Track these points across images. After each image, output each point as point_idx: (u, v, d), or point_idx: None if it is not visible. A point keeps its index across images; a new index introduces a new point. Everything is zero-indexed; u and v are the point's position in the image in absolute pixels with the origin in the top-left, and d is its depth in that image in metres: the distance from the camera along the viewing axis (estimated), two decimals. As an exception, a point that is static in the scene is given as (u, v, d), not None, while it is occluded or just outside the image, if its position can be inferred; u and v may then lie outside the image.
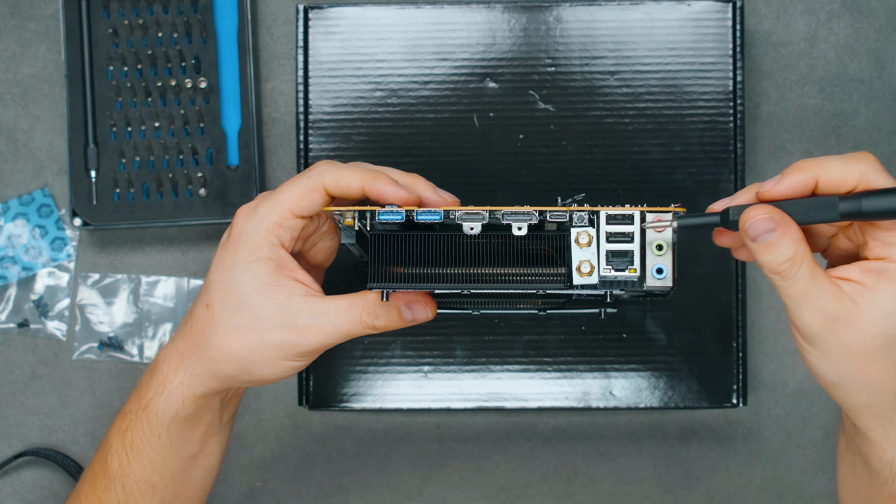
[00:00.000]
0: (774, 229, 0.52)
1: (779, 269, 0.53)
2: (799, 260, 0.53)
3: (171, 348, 0.63)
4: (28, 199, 0.86)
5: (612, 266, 0.57)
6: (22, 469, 0.85)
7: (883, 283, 0.53)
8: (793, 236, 0.53)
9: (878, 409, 0.56)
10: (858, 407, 0.56)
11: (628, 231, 0.57)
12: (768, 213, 0.53)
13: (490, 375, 0.79)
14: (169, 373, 0.62)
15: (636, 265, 0.57)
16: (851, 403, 0.56)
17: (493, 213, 0.58)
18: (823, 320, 0.53)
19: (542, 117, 0.80)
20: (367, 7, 0.80)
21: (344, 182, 0.59)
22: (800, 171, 0.53)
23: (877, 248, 0.53)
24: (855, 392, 0.56)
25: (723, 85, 0.79)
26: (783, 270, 0.53)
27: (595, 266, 0.57)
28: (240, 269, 0.60)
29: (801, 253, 0.53)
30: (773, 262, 0.53)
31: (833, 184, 0.53)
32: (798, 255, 0.52)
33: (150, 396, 0.62)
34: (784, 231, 0.52)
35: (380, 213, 0.58)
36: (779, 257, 0.53)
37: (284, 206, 0.60)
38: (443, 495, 0.85)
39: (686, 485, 0.85)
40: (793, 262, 0.53)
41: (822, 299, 0.53)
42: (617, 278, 0.57)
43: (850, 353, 0.54)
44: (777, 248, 0.53)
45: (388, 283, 0.58)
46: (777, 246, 0.53)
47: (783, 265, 0.53)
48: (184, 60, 0.83)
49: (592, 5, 0.79)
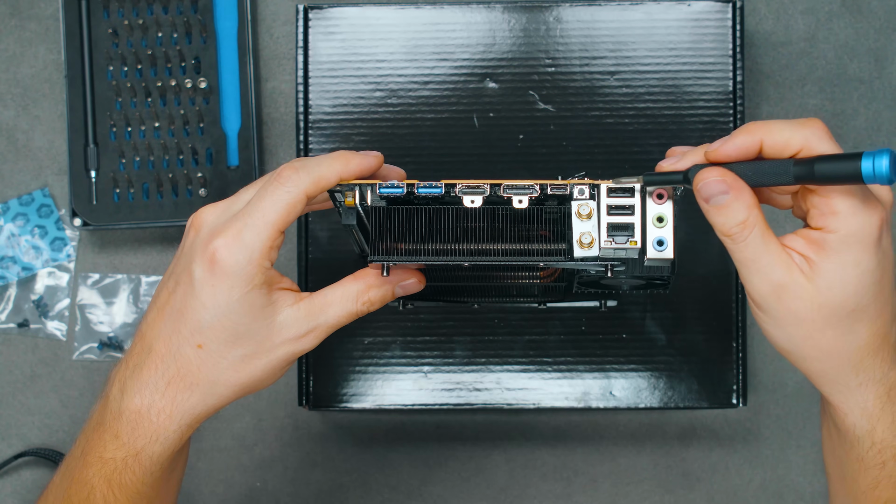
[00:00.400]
0: (727, 192, 0.53)
1: (730, 231, 0.53)
2: (750, 224, 0.53)
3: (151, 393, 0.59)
4: (28, 199, 0.86)
5: (612, 238, 0.57)
6: (22, 469, 0.85)
7: (825, 255, 0.53)
8: (745, 200, 0.53)
9: (833, 375, 0.56)
10: (814, 373, 0.57)
11: (629, 204, 0.57)
12: (721, 176, 0.53)
13: (490, 375, 0.79)
14: (161, 420, 0.60)
15: (637, 237, 0.57)
16: (806, 369, 0.57)
17: (494, 186, 0.58)
18: (772, 287, 0.53)
19: (542, 117, 0.80)
20: (367, 7, 0.80)
21: (323, 183, 0.58)
22: (746, 132, 0.53)
23: (816, 217, 0.53)
24: (807, 359, 0.56)
25: (723, 85, 0.79)
26: (734, 233, 0.53)
27: (596, 238, 0.57)
28: (236, 304, 0.58)
29: (752, 217, 0.53)
30: (725, 225, 0.53)
31: (777, 147, 0.53)
32: (750, 220, 0.53)
33: (142, 445, 0.60)
34: (736, 194, 0.53)
35: (381, 188, 0.58)
36: (730, 220, 0.53)
37: (272, 228, 0.57)
38: (443, 495, 0.85)
39: (686, 485, 0.85)
40: (744, 225, 0.53)
41: (770, 266, 0.53)
42: (617, 251, 0.57)
43: (798, 321, 0.54)
44: (728, 211, 0.53)
45: (390, 257, 0.58)
46: (729, 208, 0.53)
47: (734, 228, 0.53)
48: (184, 60, 0.83)
49: (592, 5, 0.79)
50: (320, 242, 0.79)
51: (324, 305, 0.60)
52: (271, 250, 0.58)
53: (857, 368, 0.55)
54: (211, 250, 0.57)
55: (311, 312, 0.60)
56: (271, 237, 0.57)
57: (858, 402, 0.56)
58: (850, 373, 0.56)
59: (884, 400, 0.56)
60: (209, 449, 0.85)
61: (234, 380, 0.60)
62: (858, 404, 0.56)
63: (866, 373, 0.55)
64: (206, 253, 0.57)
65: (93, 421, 0.61)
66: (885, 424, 0.56)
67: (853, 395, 0.56)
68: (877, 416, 0.56)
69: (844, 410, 0.57)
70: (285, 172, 0.58)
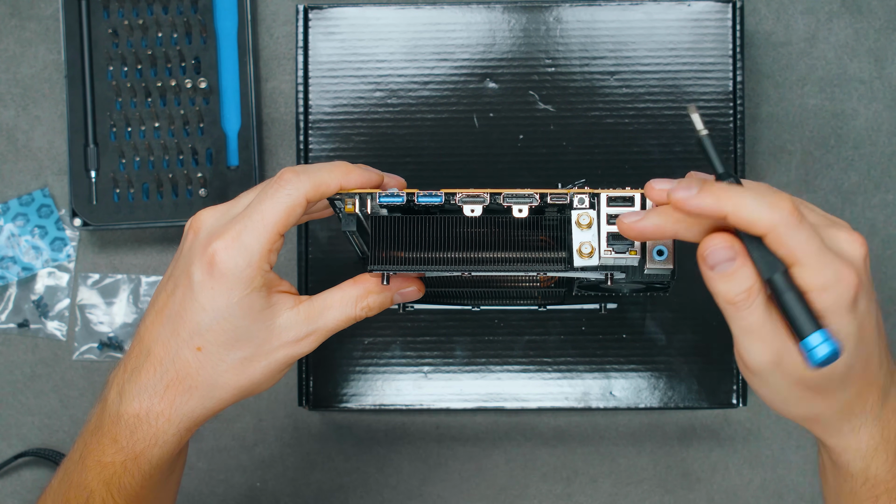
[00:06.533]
0: (734, 259, 0.51)
1: (734, 299, 0.52)
2: (756, 291, 0.52)
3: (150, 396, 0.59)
4: (28, 200, 0.86)
5: (612, 248, 0.57)
6: (22, 469, 0.85)
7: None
8: (751, 267, 0.52)
9: (825, 425, 0.57)
10: (807, 423, 0.57)
11: None
12: (728, 242, 0.52)
13: (490, 376, 0.79)
14: (160, 424, 0.59)
15: (637, 247, 0.57)
16: (799, 420, 0.57)
17: (494, 195, 0.58)
18: (772, 355, 0.52)
19: (542, 117, 0.80)
20: (367, 7, 0.80)
21: (323, 188, 0.58)
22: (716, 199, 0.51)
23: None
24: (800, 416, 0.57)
25: (723, 85, 0.79)
26: (739, 301, 0.52)
27: (596, 248, 0.57)
28: (235, 307, 0.57)
29: (758, 284, 0.52)
30: (730, 292, 0.52)
31: (741, 225, 0.51)
32: (755, 287, 0.51)
33: (140, 449, 0.59)
34: (743, 261, 0.51)
35: (381, 196, 0.58)
36: (735, 287, 0.52)
37: (271, 231, 0.57)
38: (443, 495, 0.85)
39: (686, 485, 0.85)
40: (749, 292, 0.52)
41: (773, 334, 0.52)
42: (618, 260, 0.57)
43: (792, 386, 0.54)
44: (735, 278, 0.52)
45: (389, 266, 0.58)
46: (735, 275, 0.51)
47: (739, 295, 0.52)
48: (184, 60, 0.83)
49: (592, 5, 0.79)
50: (320, 243, 0.79)
51: (323, 309, 0.60)
52: (271, 253, 0.58)
53: (849, 416, 0.55)
54: (210, 253, 0.57)
55: (310, 316, 0.60)
56: (271, 240, 0.57)
57: (852, 445, 0.56)
58: (843, 420, 0.56)
59: (877, 440, 0.56)
60: (209, 449, 0.85)
61: (232, 383, 0.60)
62: (852, 446, 0.56)
63: (858, 418, 0.55)
64: (205, 255, 0.57)
65: (91, 425, 0.61)
66: (878, 462, 0.56)
67: (846, 438, 0.56)
68: (871, 456, 0.56)
69: (838, 451, 0.57)
70: (286, 175, 0.58)
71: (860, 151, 0.85)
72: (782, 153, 0.85)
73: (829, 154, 0.85)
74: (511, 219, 0.58)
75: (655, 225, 0.54)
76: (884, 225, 0.85)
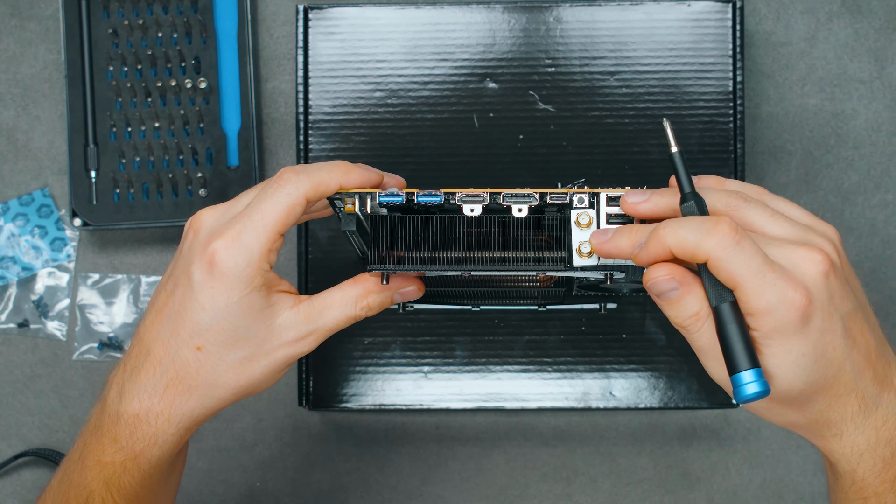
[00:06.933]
0: (677, 288, 0.53)
1: (683, 323, 0.54)
2: (703, 316, 0.53)
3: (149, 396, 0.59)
4: (28, 200, 0.86)
5: None
6: (22, 469, 0.85)
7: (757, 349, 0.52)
8: (696, 293, 0.53)
9: (806, 432, 0.57)
10: (788, 427, 0.57)
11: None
12: (669, 273, 0.53)
13: (490, 376, 0.79)
14: (160, 424, 0.59)
15: None
16: (780, 425, 0.58)
17: (494, 195, 0.58)
18: (727, 374, 0.53)
19: (542, 117, 0.80)
20: (367, 7, 0.80)
21: (323, 188, 0.58)
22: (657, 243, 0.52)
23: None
24: (779, 422, 0.57)
25: (723, 85, 0.79)
26: (688, 325, 0.54)
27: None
28: (235, 306, 0.57)
29: (705, 309, 0.53)
30: (678, 318, 0.54)
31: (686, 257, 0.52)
32: (703, 312, 0.53)
33: (140, 449, 0.59)
34: (687, 289, 0.53)
35: (380, 196, 0.58)
36: (682, 313, 0.53)
37: (271, 230, 0.57)
38: (443, 495, 0.85)
39: (686, 485, 0.85)
40: (696, 317, 0.53)
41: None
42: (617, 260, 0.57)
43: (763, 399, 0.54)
44: (680, 305, 0.53)
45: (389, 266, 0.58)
46: (681, 303, 0.53)
47: (687, 320, 0.53)
48: (184, 60, 0.83)
49: (592, 5, 0.79)
50: (320, 243, 0.79)
51: (322, 309, 0.60)
52: (270, 252, 0.58)
53: (827, 424, 0.55)
54: (210, 252, 0.57)
55: (309, 315, 0.60)
56: (270, 239, 0.57)
57: (836, 449, 0.56)
58: (822, 427, 0.56)
59: (862, 447, 0.55)
60: (209, 449, 0.85)
61: (232, 382, 0.60)
62: (836, 450, 0.56)
63: (837, 426, 0.55)
64: (205, 255, 0.57)
65: (91, 424, 0.61)
66: (865, 467, 0.56)
67: (829, 442, 0.56)
68: (856, 461, 0.56)
69: (826, 453, 0.57)
70: (286, 175, 0.58)
71: (860, 151, 0.85)
72: (782, 153, 0.85)
73: (829, 154, 0.85)
74: (511, 218, 0.58)
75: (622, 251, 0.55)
76: (884, 225, 0.85)
